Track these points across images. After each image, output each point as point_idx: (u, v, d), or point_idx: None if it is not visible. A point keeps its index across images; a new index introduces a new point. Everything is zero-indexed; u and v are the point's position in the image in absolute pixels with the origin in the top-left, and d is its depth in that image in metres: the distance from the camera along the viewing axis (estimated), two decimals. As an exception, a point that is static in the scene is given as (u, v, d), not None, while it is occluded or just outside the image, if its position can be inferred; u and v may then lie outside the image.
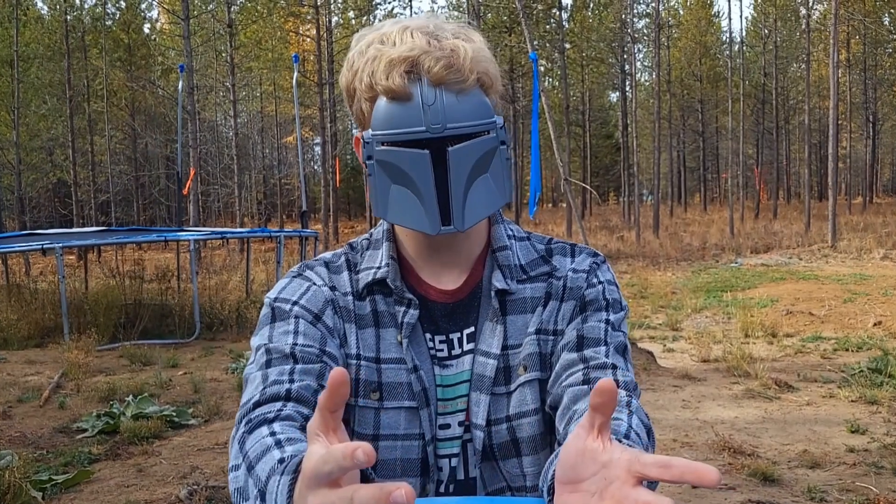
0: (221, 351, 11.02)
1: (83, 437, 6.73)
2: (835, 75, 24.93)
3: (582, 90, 49.85)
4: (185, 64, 20.42)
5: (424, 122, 1.32)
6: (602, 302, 1.46)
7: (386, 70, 1.32)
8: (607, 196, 73.96)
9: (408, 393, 1.43)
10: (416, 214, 1.37)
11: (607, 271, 1.52)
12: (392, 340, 1.45)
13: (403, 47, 1.32)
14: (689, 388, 8.26)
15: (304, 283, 1.48)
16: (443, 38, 1.35)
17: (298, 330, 1.39)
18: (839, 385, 8.12)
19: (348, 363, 1.43)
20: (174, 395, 8.33)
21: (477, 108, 1.35)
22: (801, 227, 32.22)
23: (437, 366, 1.46)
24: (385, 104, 1.34)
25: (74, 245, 13.24)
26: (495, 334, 1.45)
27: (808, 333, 11.30)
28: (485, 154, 1.37)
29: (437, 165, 1.35)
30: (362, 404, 1.43)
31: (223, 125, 49.79)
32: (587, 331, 1.42)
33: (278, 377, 1.31)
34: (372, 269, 1.48)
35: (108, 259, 25.08)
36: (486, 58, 1.37)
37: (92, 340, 10.55)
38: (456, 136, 1.35)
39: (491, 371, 1.44)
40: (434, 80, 1.31)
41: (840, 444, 6.18)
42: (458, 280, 1.49)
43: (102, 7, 38.72)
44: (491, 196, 1.40)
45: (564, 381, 1.37)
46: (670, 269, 21.66)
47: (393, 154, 1.35)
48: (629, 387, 1.34)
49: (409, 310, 1.45)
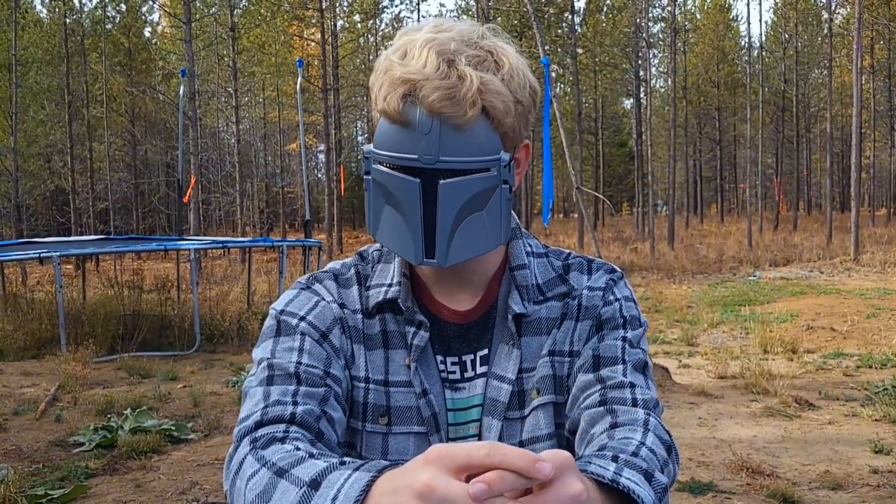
0: (222, 364, 11.03)
1: (80, 451, 6.74)
2: (858, 82, 24.92)
3: (595, 97, 49.90)
4: (186, 68, 20.50)
5: (418, 150, 1.29)
6: (619, 320, 1.44)
7: (387, 91, 1.30)
8: (620, 206, 73.86)
9: (417, 418, 1.41)
10: (403, 240, 1.34)
11: (624, 287, 1.50)
12: (401, 362, 1.43)
13: (410, 68, 1.28)
14: (705, 405, 8.24)
15: (312, 297, 1.45)
16: (457, 63, 1.29)
17: (304, 348, 1.37)
18: (862, 403, 8.10)
19: (355, 385, 1.42)
20: (173, 408, 8.34)
21: (478, 144, 1.30)
22: (822, 239, 32.15)
23: (448, 389, 1.45)
24: (385, 123, 1.32)
25: (72, 254, 13.29)
26: (511, 358, 1.43)
27: (830, 350, 11.27)
28: (480, 192, 1.33)
29: (428, 197, 1.31)
30: (370, 429, 1.41)
31: (225, 132, 49.83)
32: (603, 350, 1.40)
33: (281, 397, 1.28)
34: (383, 286, 1.46)
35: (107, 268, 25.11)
36: (496, 90, 1.30)
37: (89, 352, 10.58)
38: (450, 170, 1.30)
39: (505, 396, 1.42)
40: (429, 109, 1.27)
41: (863, 464, 6.16)
42: (472, 300, 1.46)
43: (103, 10, 38.89)
44: (482, 236, 1.36)
45: (582, 403, 1.35)
46: (686, 283, 21.64)
47: (386, 176, 1.33)
48: (648, 405, 1.32)
49: (419, 331, 1.43)
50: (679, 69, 42.14)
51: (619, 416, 1.28)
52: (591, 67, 45.39)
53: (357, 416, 1.42)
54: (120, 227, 40.85)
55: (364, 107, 49.12)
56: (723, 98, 50.45)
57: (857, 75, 24.95)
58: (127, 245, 14.66)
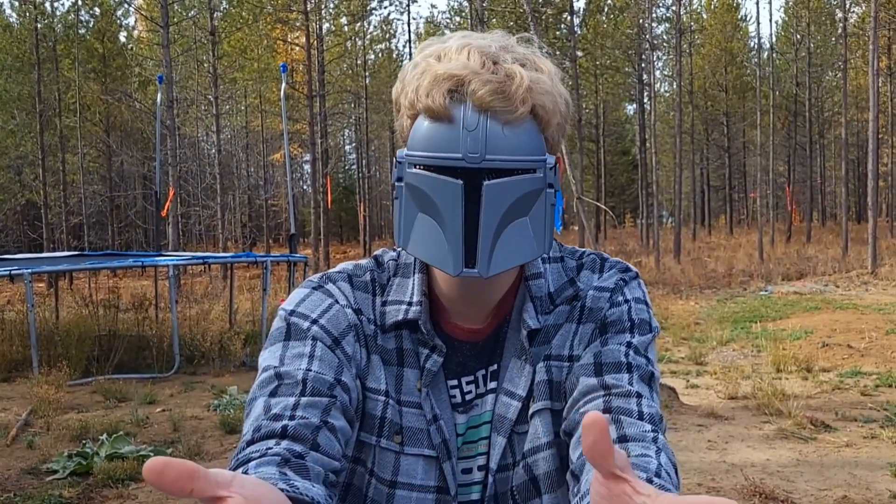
0: (203, 386, 11.03)
1: (53, 478, 6.73)
2: (875, 84, 25.00)
3: (595, 102, 49.95)
4: (163, 75, 20.51)
5: (462, 148, 1.27)
6: (626, 323, 1.43)
7: (429, 87, 1.29)
8: (623, 218, 73.93)
9: (427, 441, 1.42)
10: (439, 250, 1.31)
11: (637, 288, 1.48)
12: (413, 382, 1.43)
13: (454, 64, 1.29)
14: (715, 427, 8.24)
15: (325, 298, 1.44)
16: (501, 62, 1.30)
17: (315, 354, 1.35)
18: (882, 425, 8.10)
19: (373, 398, 1.42)
20: (152, 434, 8.33)
21: (525, 143, 1.30)
22: (837, 251, 32.21)
23: (459, 413, 1.45)
24: (424, 124, 1.30)
25: (44, 271, 13.29)
26: (523, 374, 1.43)
27: (847, 368, 11.28)
28: (526, 195, 1.31)
29: (470, 200, 1.29)
30: (384, 445, 1.42)
31: (205, 141, 49.95)
32: (605, 355, 1.38)
33: (281, 411, 1.26)
34: (402, 304, 1.44)
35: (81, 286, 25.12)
36: (545, 90, 1.31)
37: (63, 374, 10.55)
38: (495, 170, 1.29)
39: (513, 413, 1.42)
40: (479, 104, 1.27)
41: (883, 489, 6.17)
42: (487, 315, 1.46)
43: (75, 14, 38.88)
44: (526, 244, 1.33)
45: (582, 407, 1.33)
46: (693, 298, 21.66)
47: (424, 179, 1.31)
48: (655, 420, 1.30)
49: (432, 355, 1.43)
50: (685, 72, 42.20)
51: (626, 427, 1.27)
52: (591, 71, 45.45)
53: (371, 430, 1.42)
54: (95, 243, 40.76)
55: (352, 114, 49.19)
56: (731, 103, 50.49)
57: (873, 77, 25.03)
58: (102, 261, 14.64)
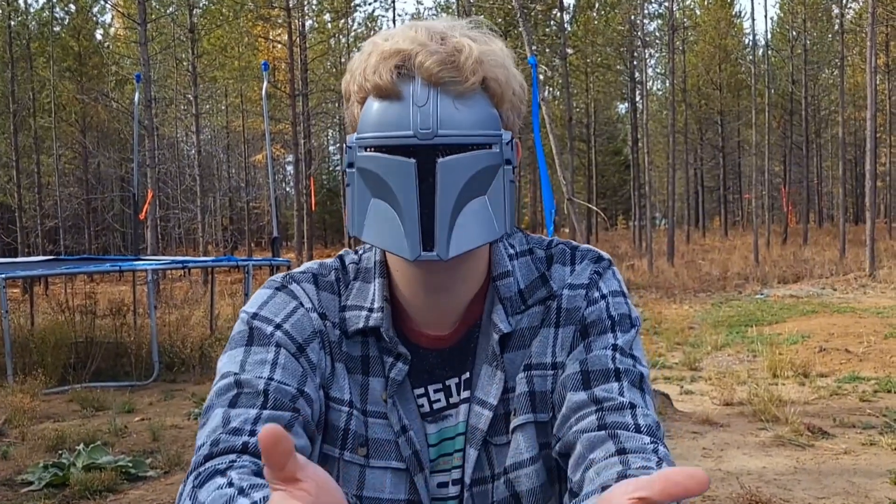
0: (183, 395, 11.00)
1: (28, 490, 6.70)
2: (872, 82, 25.05)
3: (586, 100, 50.06)
4: (141, 73, 20.48)
5: (413, 125, 1.25)
6: (606, 322, 1.40)
7: (376, 64, 1.28)
8: (616, 220, 74.07)
9: (395, 454, 1.40)
10: (395, 235, 1.29)
11: (611, 279, 1.45)
12: (379, 392, 1.41)
13: (400, 40, 1.28)
14: (710, 434, 8.26)
15: (290, 300, 1.42)
16: (449, 37, 1.29)
17: (278, 362, 1.33)
18: (881, 431, 8.13)
19: (336, 408, 1.40)
20: (130, 443, 8.31)
21: (479, 117, 1.28)
22: (834, 253, 32.27)
23: (428, 423, 1.43)
24: (374, 105, 1.29)
25: (19, 276, 13.23)
26: (494, 381, 1.40)
27: (845, 373, 11.30)
28: (482, 171, 1.29)
29: (425, 179, 1.27)
30: (348, 458, 1.40)
31: (184, 142, 49.81)
32: (592, 363, 1.35)
33: (241, 425, 1.25)
34: (363, 310, 1.42)
35: (57, 292, 25.02)
36: (498, 63, 1.31)
37: (39, 383, 10.53)
38: (449, 146, 1.27)
39: (485, 423, 1.40)
40: (427, 77, 1.26)
41: (883, 497, 6.19)
42: (454, 321, 1.44)
43: (50, 11, 38.83)
44: (486, 223, 1.31)
45: (575, 425, 1.31)
46: (687, 302, 21.67)
47: (376, 161, 1.28)
48: (652, 429, 1.28)
49: (397, 363, 1.40)
50: (678, 70, 42.27)
51: (625, 441, 1.24)
52: (582, 69, 45.51)
53: (335, 442, 1.40)
54: (71, 247, 40.63)
55: (336, 114, 49.16)
56: (725, 101, 50.58)
57: (871, 75, 25.09)
58: (78, 266, 14.61)
